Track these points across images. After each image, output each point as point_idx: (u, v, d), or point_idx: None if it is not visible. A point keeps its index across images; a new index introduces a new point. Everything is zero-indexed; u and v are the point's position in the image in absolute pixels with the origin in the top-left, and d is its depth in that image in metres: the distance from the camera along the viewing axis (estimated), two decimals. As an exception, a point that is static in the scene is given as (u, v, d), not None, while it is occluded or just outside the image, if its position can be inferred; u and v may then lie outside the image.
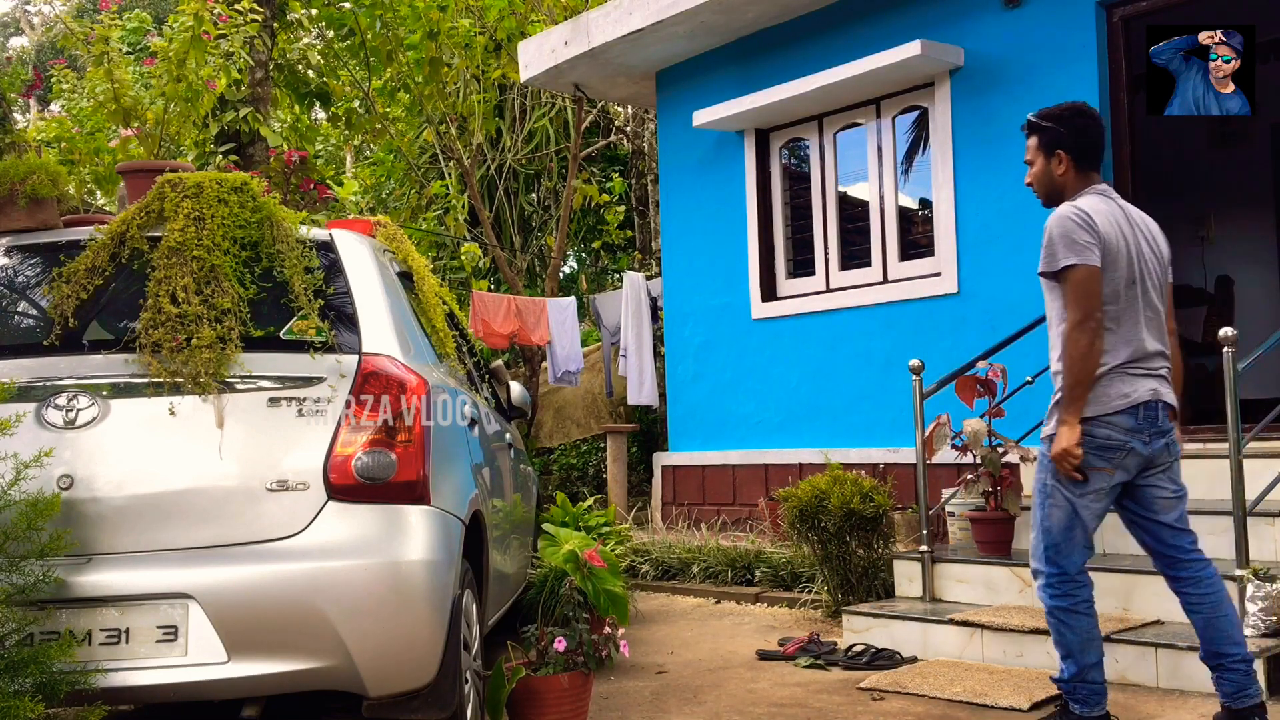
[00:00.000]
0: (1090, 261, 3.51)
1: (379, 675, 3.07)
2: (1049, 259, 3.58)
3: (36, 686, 2.82)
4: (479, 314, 9.02)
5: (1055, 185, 3.75)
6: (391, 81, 11.46)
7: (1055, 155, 3.73)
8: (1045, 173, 3.76)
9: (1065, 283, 3.55)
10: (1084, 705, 3.63)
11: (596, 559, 4.77)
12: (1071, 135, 3.71)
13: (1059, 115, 3.75)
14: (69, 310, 3.34)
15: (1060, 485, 3.58)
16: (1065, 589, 3.60)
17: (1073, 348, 3.51)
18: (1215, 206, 8.62)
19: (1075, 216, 3.57)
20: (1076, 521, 3.58)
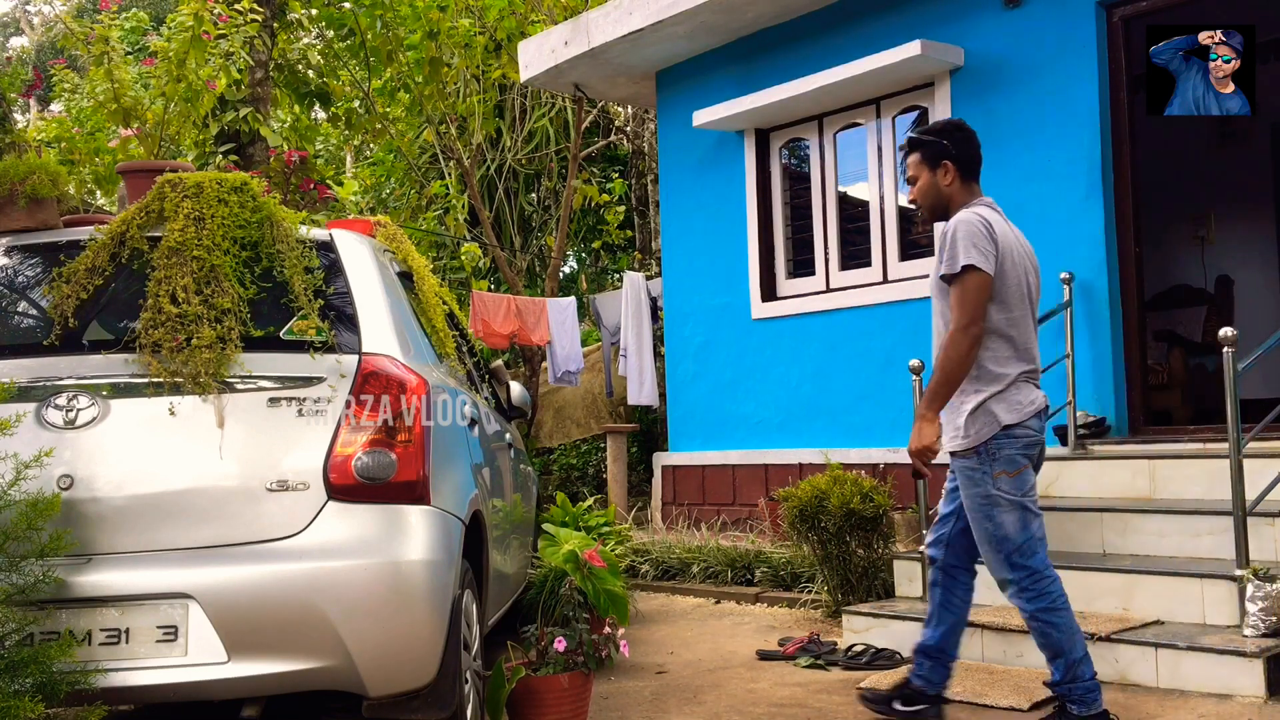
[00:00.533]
0: (987, 268, 3.59)
1: (379, 675, 3.07)
2: (950, 261, 3.62)
3: (36, 686, 2.82)
4: (479, 314, 9.02)
5: (942, 197, 3.82)
6: (391, 81, 11.46)
7: (942, 167, 3.80)
8: (932, 185, 3.82)
9: (957, 285, 3.60)
10: (1081, 705, 3.63)
11: (596, 559, 4.77)
12: (956, 147, 3.80)
13: (941, 129, 3.87)
14: (69, 310, 3.34)
15: (1005, 491, 3.61)
16: (1040, 587, 3.63)
17: (954, 350, 3.57)
18: (1215, 206, 8.62)
19: (978, 222, 3.65)
20: (1030, 517, 3.63)
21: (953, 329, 3.58)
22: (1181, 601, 4.57)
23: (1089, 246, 6.26)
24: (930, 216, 3.90)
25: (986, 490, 3.62)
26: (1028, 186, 6.53)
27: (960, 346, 3.56)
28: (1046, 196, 6.44)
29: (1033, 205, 6.50)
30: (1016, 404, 3.62)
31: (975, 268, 3.58)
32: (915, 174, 3.85)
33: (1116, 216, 6.27)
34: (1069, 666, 3.62)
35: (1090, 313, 6.24)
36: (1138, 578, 4.74)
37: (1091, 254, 6.25)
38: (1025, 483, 3.63)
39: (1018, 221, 6.52)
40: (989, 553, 3.67)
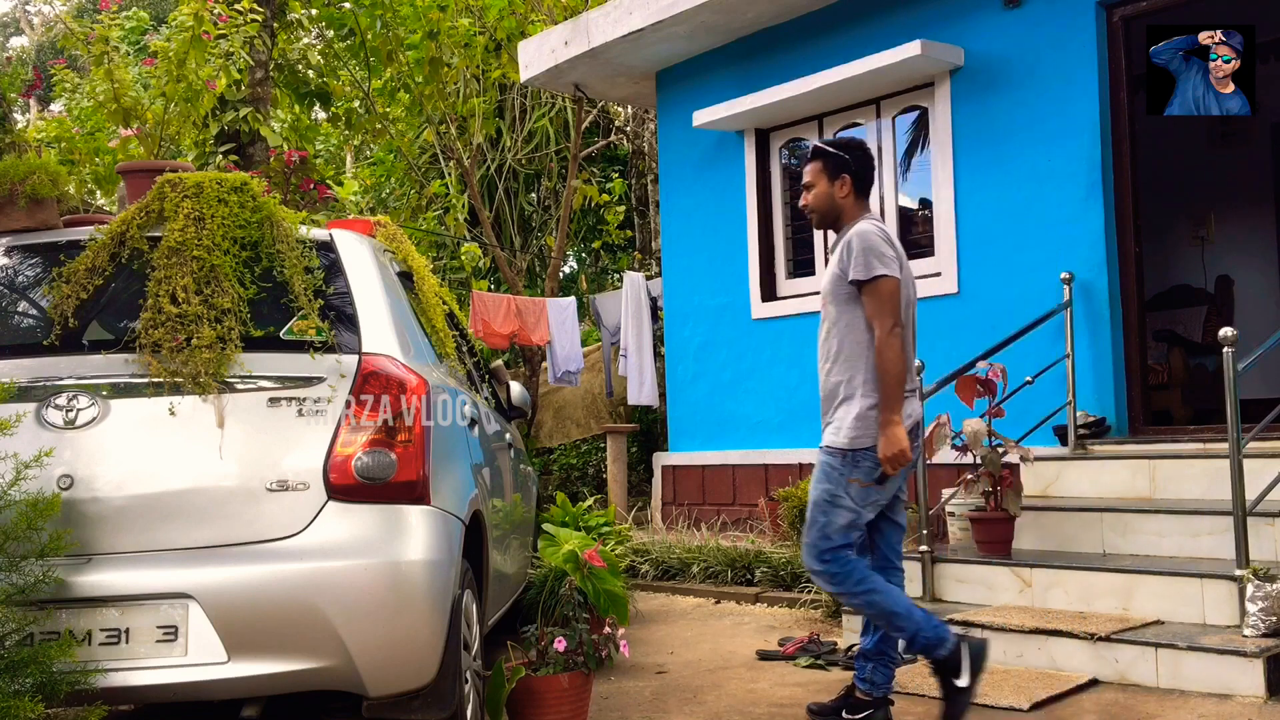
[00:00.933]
0: (896, 274, 3.80)
1: (379, 675, 3.07)
2: (864, 267, 3.78)
3: (36, 686, 2.82)
4: (479, 314, 9.02)
5: (836, 208, 4.00)
6: (391, 81, 11.46)
7: (841, 179, 3.98)
8: (829, 195, 4.00)
9: (873, 293, 3.78)
10: (941, 645, 3.75)
11: (596, 559, 4.77)
12: (856, 164, 3.99)
13: (847, 144, 4.06)
14: (69, 310, 3.34)
15: (849, 495, 3.78)
16: (847, 569, 3.79)
17: (889, 351, 3.75)
18: (1215, 206, 8.62)
19: (881, 233, 3.86)
20: (855, 526, 3.82)
21: (881, 333, 3.76)
22: (1181, 601, 4.57)
23: (1089, 246, 6.26)
24: (820, 224, 4.10)
25: (835, 490, 3.80)
26: (1028, 186, 6.53)
27: (894, 347, 3.75)
28: (1046, 196, 6.44)
29: (1033, 205, 6.51)
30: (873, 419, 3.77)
31: (886, 275, 3.78)
32: (813, 181, 4.03)
33: (1116, 216, 6.27)
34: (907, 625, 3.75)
35: (1090, 313, 6.24)
36: (1138, 578, 4.74)
37: (1091, 254, 6.25)
38: (869, 495, 3.81)
39: (1018, 221, 6.58)
40: (810, 539, 3.84)
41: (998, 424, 5.41)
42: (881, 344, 3.75)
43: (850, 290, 3.83)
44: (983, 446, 5.28)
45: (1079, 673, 4.47)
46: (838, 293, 3.87)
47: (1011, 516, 5.32)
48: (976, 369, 5.53)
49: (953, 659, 3.75)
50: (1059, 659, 4.56)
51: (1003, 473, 5.29)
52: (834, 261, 3.91)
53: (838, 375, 3.86)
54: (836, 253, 3.91)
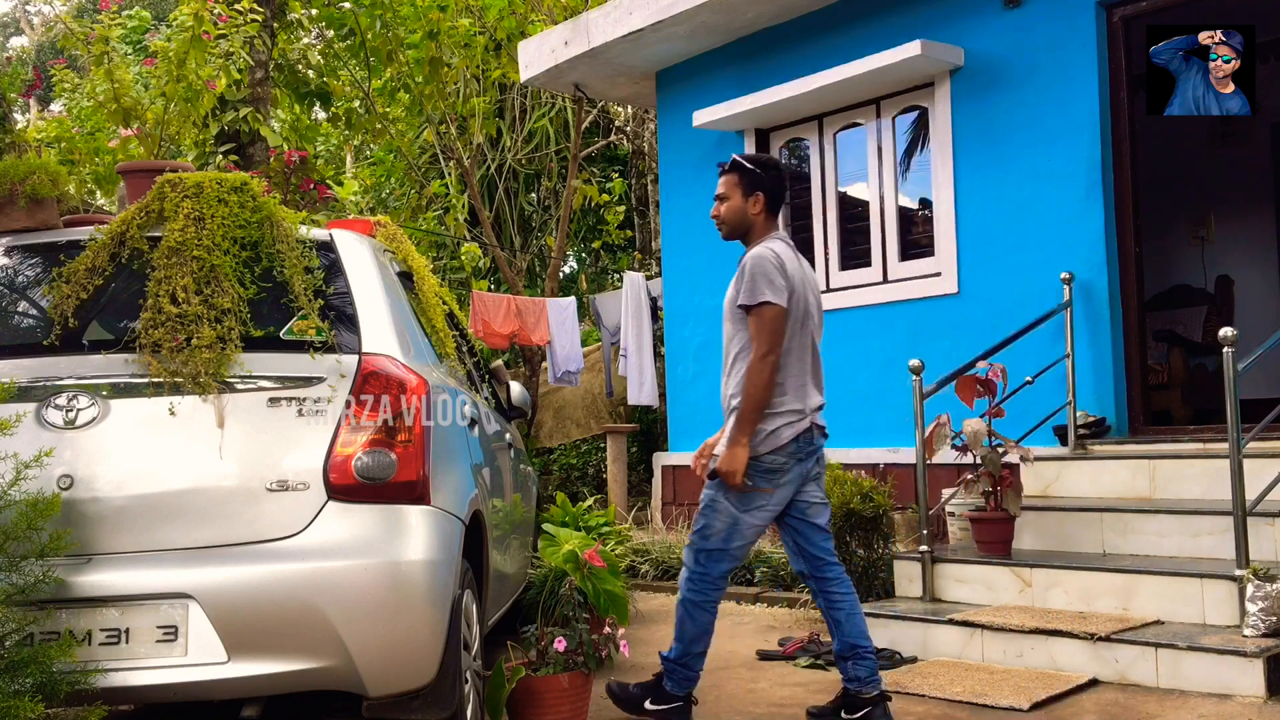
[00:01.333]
0: (782, 302, 3.88)
1: (379, 675, 3.07)
2: (750, 293, 3.89)
3: (36, 686, 2.82)
4: (479, 314, 9.02)
5: (746, 223, 4.08)
6: (391, 81, 11.46)
7: (754, 196, 4.05)
8: (741, 209, 4.07)
9: (756, 317, 3.88)
10: (676, 685, 4.00)
11: (596, 559, 4.77)
12: (771, 182, 4.07)
13: (763, 163, 4.12)
14: (69, 310, 3.33)
15: (729, 501, 3.89)
16: (704, 589, 3.97)
17: (757, 377, 3.83)
18: (1215, 206, 8.62)
19: (773, 259, 3.92)
20: (736, 533, 3.91)
21: (754, 358, 3.86)
22: (1181, 601, 4.58)
23: (1089, 246, 6.26)
24: (728, 236, 4.14)
25: (715, 495, 3.92)
26: (1028, 186, 6.53)
27: (764, 374, 3.84)
28: (1046, 196, 6.44)
29: (1033, 205, 6.51)
30: (769, 434, 3.87)
31: (771, 302, 3.86)
32: (727, 193, 4.09)
33: (1116, 216, 6.27)
34: (686, 653, 3.99)
35: (1090, 313, 6.24)
36: (1138, 578, 4.74)
37: (1091, 254, 6.25)
38: (751, 501, 3.89)
39: (1018, 221, 6.58)
40: (692, 536, 3.99)
41: (998, 424, 5.41)
42: (753, 367, 3.85)
43: (741, 312, 3.95)
44: (983, 446, 5.28)
45: (1079, 673, 4.47)
46: (733, 313, 4.00)
47: (1011, 516, 5.32)
48: (976, 369, 5.53)
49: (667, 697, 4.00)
50: (1059, 659, 4.56)
51: (1003, 473, 5.30)
52: (732, 282, 4.01)
53: (731, 390, 3.96)
54: (738, 271, 4.00)
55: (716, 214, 4.11)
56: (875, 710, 3.91)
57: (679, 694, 4.01)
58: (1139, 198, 6.31)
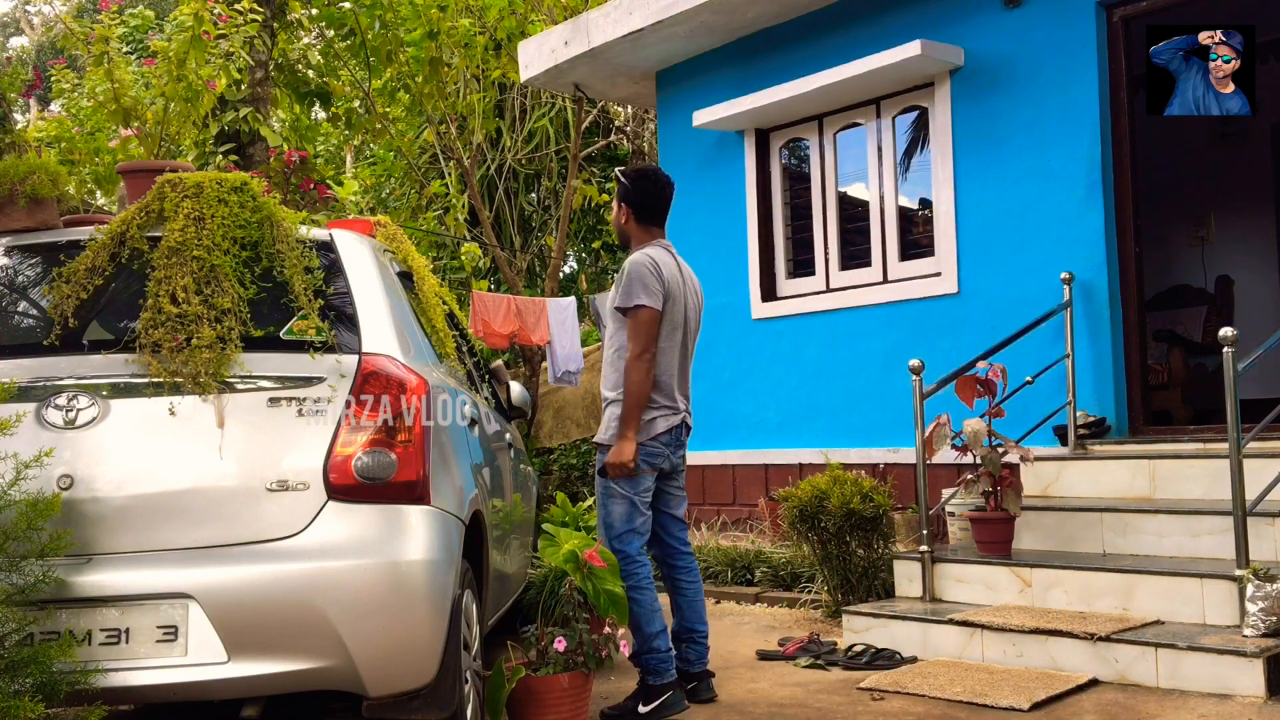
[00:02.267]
0: (655, 305, 4.23)
1: (379, 675, 3.07)
2: (626, 296, 4.23)
3: (36, 686, 2.82)
4: (479, 314, 9.00)
5: (623, 231, 4.48)
6: (391, 81, 11.45)
7: (621, 206, 4.45)
8: (615, 219, 4.52)
9: (631, 319, 4.22)
10: (656, 675, 4.20)
11: (596, 559, 4.76)
12: (635, 194, 4.43)
13: (634, 174, 4.51)
14: (69, 310, 3.34)
15: (621, 487, 4.25)
16: (629, 569, 4.25)
17: (635, 374, 4.19)
18: (1215, 206, 8.62)
19: (649, 265, 4.26)
20: (635, 512, 4.27)
21: (630, 357, 4.21)
22: (1181, 601, 4.58)
23: (1089, 246, 6.26)
24: (619, 243, 4.56)
25: (609, 484, 4.27)
26: (1028, 186, 6.53)
27: (639, 371, 4.20)
28: (1046, 196, 6.44)
29: (1033, 205, 6.51)
30: (646, 423, 4.25)
31: (645, 305, 4.20)
32: (614, 205, 4.52)
33: (1116, 216, 6.27)
34: (645, 639, 4.21)
35: (1090, 313, 6.24)
36: (1138, 578, 4.74)
37: (1091, 254, 6.25)
38: (639, 484, 4.26)
39: (1018, 221, 6.58)
40: (599, 533, 4.34)
41: (998, 424, 5.42)
42: (629, 366, 4.20)
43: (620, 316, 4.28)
44: (983, 446, 5.28)
45: (1079, 673, 4.47)
46: (614, 313, 4.32)
47: (1011, 516, 5.33)
48: (976, 369, 5.53)
49: (655, 692, 4.18)
50: (1059, 659, 4.56)
51: (1003, 473, 5.30)
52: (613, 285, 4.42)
53: (607, 383, 4.32)
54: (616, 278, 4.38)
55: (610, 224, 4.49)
56: (701, 685, 4.41)
57: (665, 682, 4.20)
58: (1139, 198, 6.31)
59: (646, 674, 4.21)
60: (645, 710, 4.14)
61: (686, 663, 4.43)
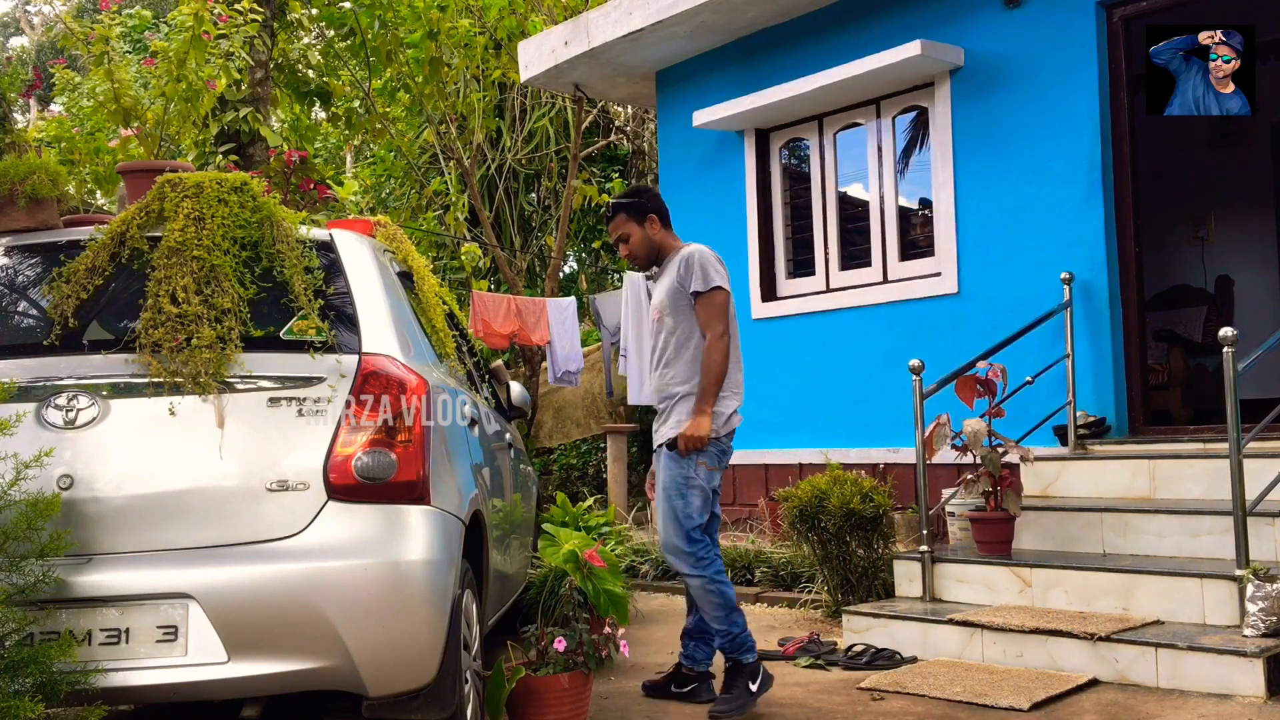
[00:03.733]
0: (728, 288, 4.36)
1: (379, 675, 3.07)
2: (704, 279, 4.29)
3: (36, 686, 2.82)
4: (479, 314, 9.01)
5: (654, 244, 4.49)
6: (391, 81, 11.45)
7: (649, 220, 4.47)
8: (645, 238, 4.48)
9: (708, 303, 4.28)
10: (751, 651, 4.28)
11: (596, 559, 4.76)
12: (653, 202, 4.51)
13: (637, 191, 4.56)
14: (69, 310, 3.33)
15: (700, 477, 4.27)
16: (711, 555, 4.31)
17: (718, 354, 4.26)
18: (1215, 206, 8.62)
19: (714, 253, 4.40)
20: (706, 504, 4.32)
21: (713, 337, 4.26)
22: (1181, 601, 4.58)
23: (1089, 246, 6.26)
24: (646, 264, 4.53)
25: (686, 472, 4.26)
26: (1028, 186, 6.53)
27: (721, 350, 4.27)
28: (1046, 196, 6.44)
29: (1033, 205, 6.51)
30: (727, 417, 4.33)
31: (721, 287, 4.31)
32: (626, 231, 4.48)
33: (1116, 216, 6.27)
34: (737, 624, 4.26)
35: (1090, 313, 6.24)
36: (1138, 578, 4.74)
37: (1091, 254, 6.25)
38: (715, 477, 4.35)
39: (1018, 221, 6.59)
40: (673, 527, 4.28)
41: (998, 424, 5.42)
42: (711, 346, 4.26)
43: (689, 300, 4.31)
44: (983, 446, 5.28)
45: (1079, 673, 4.47)
46: (677, 304, 4.34)
47: (1011, 516, 5.33)
48: (976, 369, 5.53)
49: (754, 667, 4.26)
50: (1059, 659, 4.56)
51: (1003, 473, 5.30)
52: (670, 278, 4.37)
53: (679, 378, 4.32)
54: (672, 269, 4.36)
55: (627, 253, 4.49)
56: (701, 686, 4.46)
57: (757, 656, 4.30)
58: (1139, 198, 6.31)
59: (743, 653, 4.25)
60: (755, 687, 4.23)
61: (693, 661, 4.49)
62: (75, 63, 7.04)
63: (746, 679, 4.24)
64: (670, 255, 4.46)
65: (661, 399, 4.41)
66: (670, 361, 4.37)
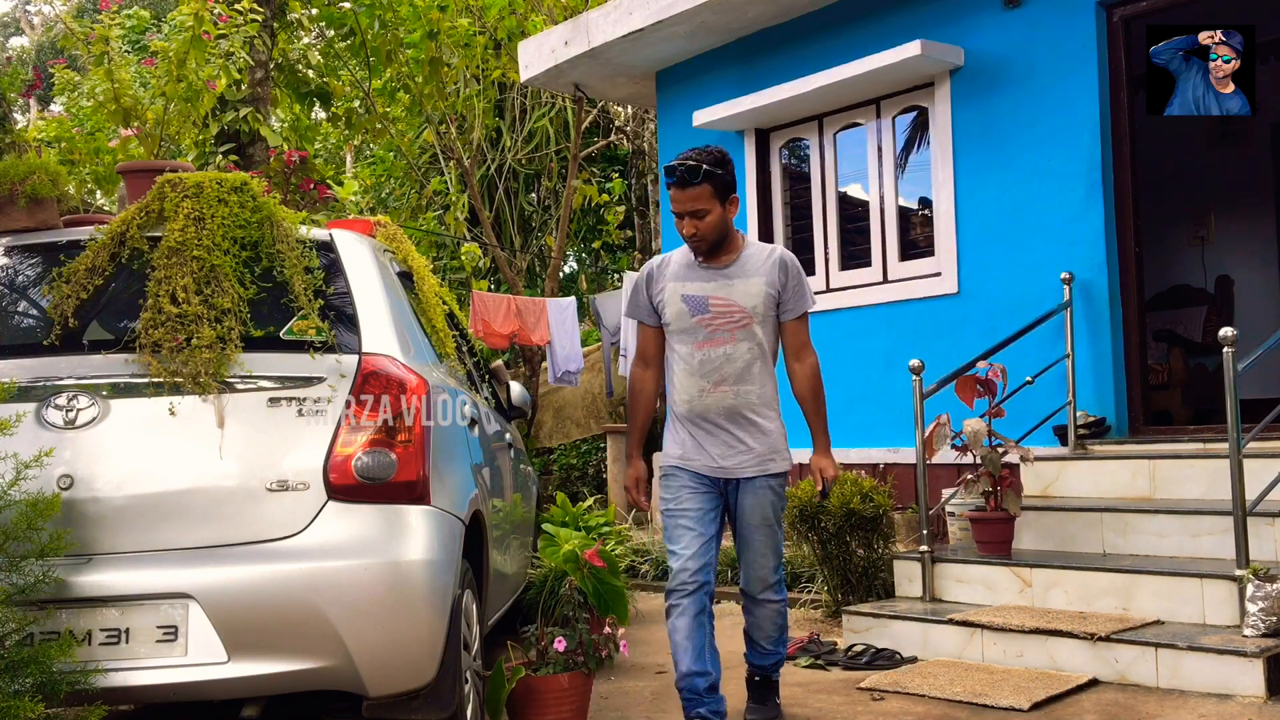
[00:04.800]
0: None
1: (379, 675, 3.07)
2: (809, 295, 3.87)
3: (36, 686, 2.82)
4: (479, 314, 9.01)
5: (727, 230, 3.77)
6: (391, 81, 11.46)
7: (732, 201, 3.74)
8: (722, 220, 3.72)
9: (806, 323, 3.87)
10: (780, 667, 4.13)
11: (596, 559, 4.77)
12: (733, 178, 3.75)
13: (725, 160, 3.71)
14: (69, 310, 3.34)
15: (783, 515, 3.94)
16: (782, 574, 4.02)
17: (821, 381, 3.90)
18: (1215, 206, 8.62)
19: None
20: None
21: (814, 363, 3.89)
22: (1181, 601, 4.57)
23: (1089, 246, 6.26)
24: (711, 251, 3.78)
25: (782, 504, 3.95)
26: (1028, 186, 6.53)
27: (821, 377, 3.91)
28: (1046, 196, 6.44)
29: (1033, 205, 6.51)
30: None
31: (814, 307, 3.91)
32: (704, 206, 3.67)
33: (1116, 216, 6.27)
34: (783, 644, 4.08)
35: (1090, 313, 6.24)
36: (1138, 578, 4.74)
37: (1091, 254, 6.25)
38: None
39: (1018, 221, 6.58)
40: (773, 559, 3.92)
41: (998, 424, 5.41)
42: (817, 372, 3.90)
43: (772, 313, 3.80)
44: (983, 446, 5.28)
45: (1079, 673, 4.47)
46: (769, 313, 3.79)
47: (1011, 516, 5.32)
48: (976, 369, 5.53)
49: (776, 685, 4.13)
50: (1059, 659, 4.56)
51: (1003, 473, 5.30)
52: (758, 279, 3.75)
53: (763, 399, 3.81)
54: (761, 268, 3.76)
55: (694, 231, 3.69)
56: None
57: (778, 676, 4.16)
58: (1139, 198, 6.31)
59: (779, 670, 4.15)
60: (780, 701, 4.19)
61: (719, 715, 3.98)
62: (75, 63, 7.04)
63: (776, 694, 4.15)
64: (740, 248, 3.79)
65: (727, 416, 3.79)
66: (750, 378, 3.77)
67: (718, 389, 3.76)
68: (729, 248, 3.79)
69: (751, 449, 3.82)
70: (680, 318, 3.79)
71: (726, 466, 3.81)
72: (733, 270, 3.77)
